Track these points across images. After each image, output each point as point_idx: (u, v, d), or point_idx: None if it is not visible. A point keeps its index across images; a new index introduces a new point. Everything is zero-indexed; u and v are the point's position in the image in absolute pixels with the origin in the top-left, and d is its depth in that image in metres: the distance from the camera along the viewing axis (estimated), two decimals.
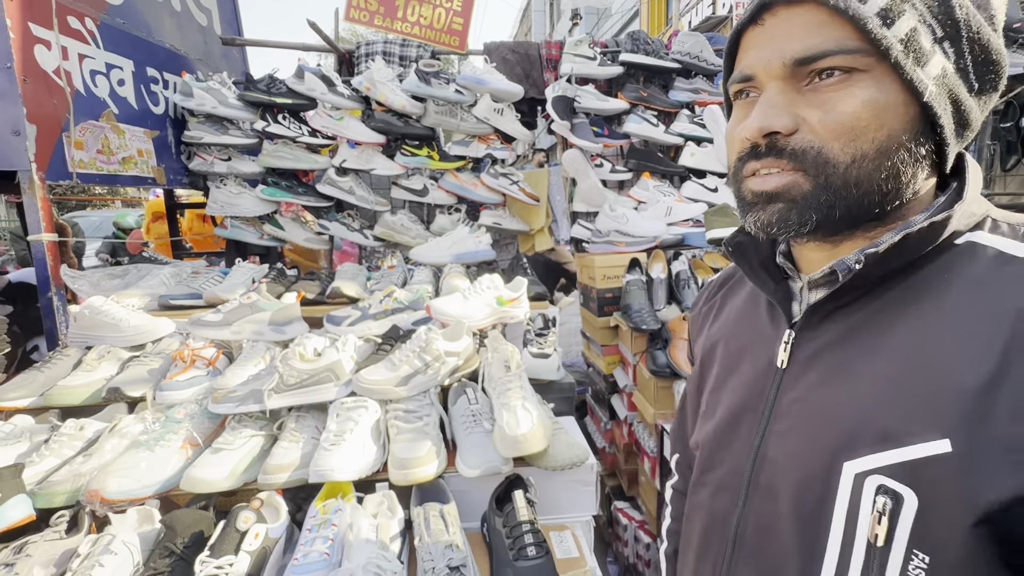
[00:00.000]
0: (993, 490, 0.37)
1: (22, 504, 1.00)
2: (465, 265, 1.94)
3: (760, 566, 0.50)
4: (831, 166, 0.44)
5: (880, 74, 0.43)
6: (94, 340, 1.45)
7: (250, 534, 0.94)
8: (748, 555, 0.51)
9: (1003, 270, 0.43)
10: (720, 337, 0.64)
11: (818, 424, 0.47)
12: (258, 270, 1.81)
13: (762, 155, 0.46)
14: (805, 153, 0.44)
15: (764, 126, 0.45)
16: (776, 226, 0.47)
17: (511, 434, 1.06)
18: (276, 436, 1.21)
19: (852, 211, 0.45)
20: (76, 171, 1.70)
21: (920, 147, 0.45)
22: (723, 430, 0.57)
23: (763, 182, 0.47)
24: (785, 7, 0.44)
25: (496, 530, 1.00)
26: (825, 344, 0.49)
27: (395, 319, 1.51)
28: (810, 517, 0.45)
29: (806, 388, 0.49)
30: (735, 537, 0.52)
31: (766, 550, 0.50)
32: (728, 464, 0.55)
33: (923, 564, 0.39)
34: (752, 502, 0.51)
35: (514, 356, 1.23)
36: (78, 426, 1.21)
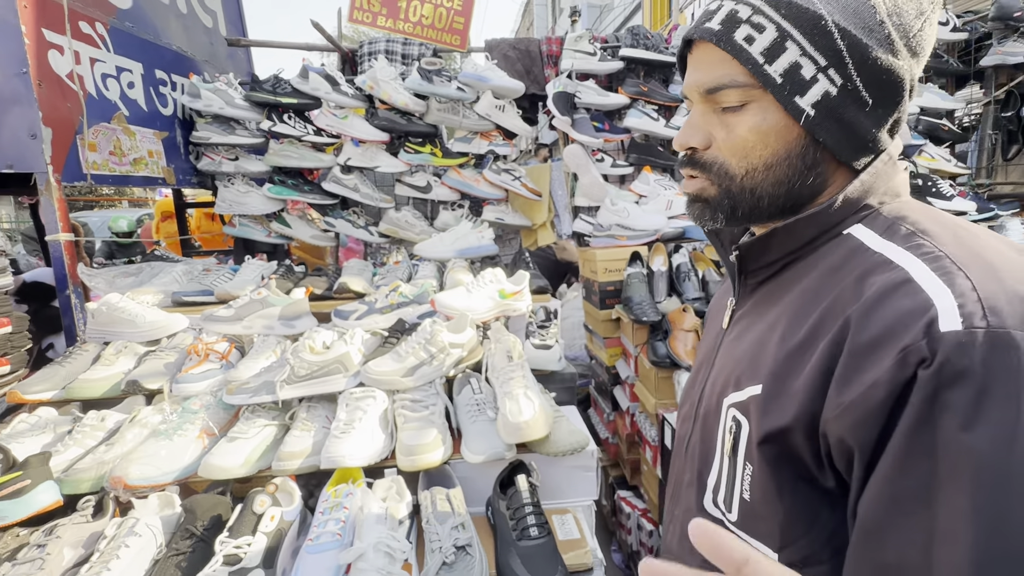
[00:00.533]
0: (774, 422, 0.49)
1: (50, 490, 1.06)
2: (468, 260, 1.98)
3: (690, 472, 0.63)
4: (729, 177, 0.55)
5: (765, 103, 0.52)
6: (111, 336, 1.50)
7: (266, 516, 0.99)
8: (687, 465, 0.64)
9: (850, 258, 0.50)
10: (710, 306, 0.78)
11: (724, 367, 0.60)
12: (267, 267, 1.86)
13: (684, 164, 0.58)
14: (711, 165, 0.56)
15: (683, 143, 0.57)
16: (698, 220, 0.59)
17: (514, 421, 1.11)
18: (288, 425, 1.26)
19: (753, 210, 0.56)
20: (90, 172, 1.75)
21: (808, 158, 0.53)
22: (692, 377, 0.71)
23: (686, 185, 0.59)
24: (698, 42, 0.54)
25: (500, 513, 1.04)
26: (744, 312, 0.62)
27: (401, 313, 1.55)
28: (711, 435, 0.59)
29: (727, 344, 0.62)
30: (685, 452, 0.65)
31: (695, 460, 0.63)
32: (689, 401, 0.68)
33: (749, 472, 0.52)
34: (695, 426, 0.64)
35: (516, 346, 1.27)
36: (100, 417, 1.26)
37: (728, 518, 0.55)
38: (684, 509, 0.63)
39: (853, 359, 0.44)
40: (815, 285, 0.52)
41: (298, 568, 0.93)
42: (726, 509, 0.55)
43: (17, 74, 1.56)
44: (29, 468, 1.05)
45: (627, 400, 2.18)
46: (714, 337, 0.67)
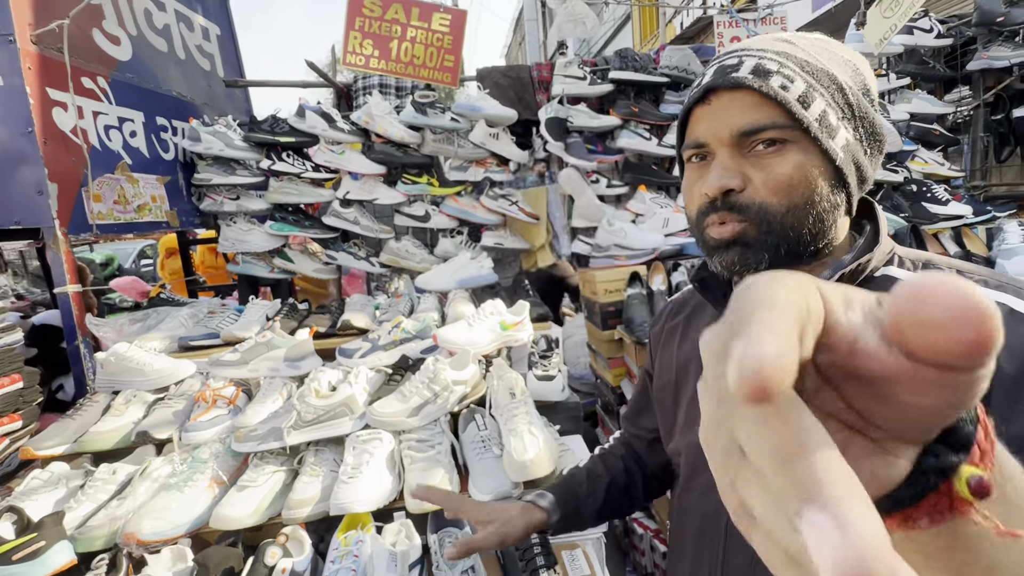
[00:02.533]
0: None
1: (64, 550, 1.07)
2: (469, 289, 2.00)
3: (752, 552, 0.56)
4: (770, 216, 0.55)
5: (805, 144, 0.54)
6: (121, 385, 1.52)
7: (277, 569, 1.00)
8: (741, 544, 0.58)
9: None
10: (693, 355, 0.72)
11: None
12: (271, 306, 1.88)
13: (719, 208, 0.57)
14: (749, 207, 0.55)
15: (722, 185, 0.56)
16: (738, 264, 0.57)
17: (519, 459, 1.11)
18: (297, 470, 1.27)
19: (792, 249, 0.56)
20: (95, 223, 1.79)
21: (836, 196, 0.56)
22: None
23: (720, 231, 0.57)
24: (727, 91, 0.56)
25: (509, 553, 1.05)
26: None
27: (404, 349, 1.57)
28: None
29: None
30: (725, 532, 0.60)
31: None
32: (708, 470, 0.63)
33: None
34: None
35: (518, 383, 1.28)
36: (111, 470, 1.28)
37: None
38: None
39: (1007, 393, 0.45)
40: None
41: None
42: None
43: (23, 134, 1.60)
44: (44, 529, 1.07)
45: None
46: None
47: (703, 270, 0.68)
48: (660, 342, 0.81)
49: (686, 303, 0.79)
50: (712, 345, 0.18)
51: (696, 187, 0.59)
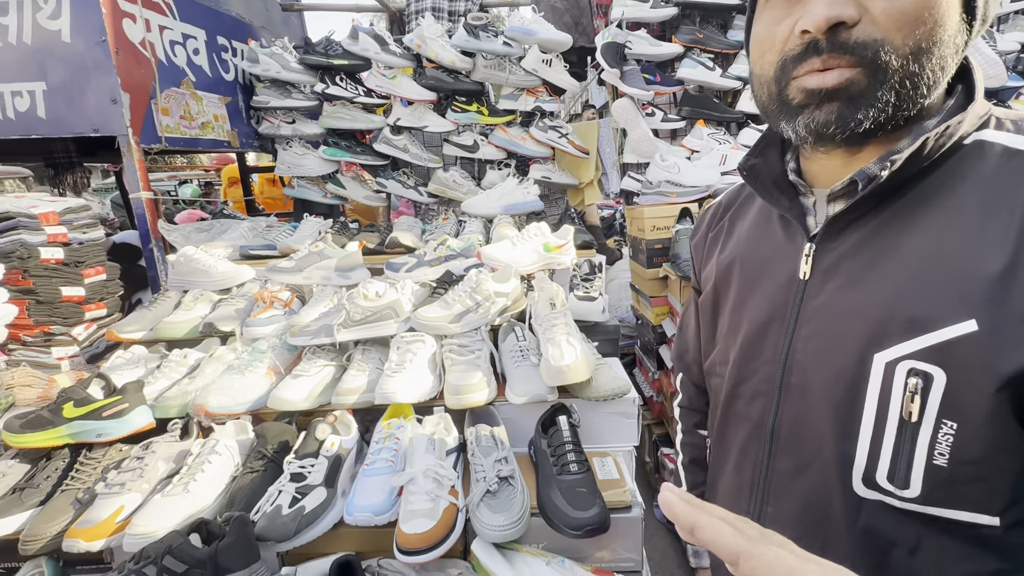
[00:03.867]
0: (1013, 360, 0.41)
1: (144, 414, 1.20)
2: (514, 216, 1.99)
3: (797, 455, 0.56)
4: (888, 59, 0.44)
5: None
6: (189, 284, 1.64)
7: (327, 442, 1.08)
8: (785, 449, 0.57)
9: (1010, 164, 0.46)
10: (734, 257, 0.66)
11: (844, 324, 0.51)
12: (324, 223, 1.96)
13: (822, 50, 0.45)
14: (866, 46, 0.44)
15: (833, 16, 0.43)
16: (834, 124, 0.47)
17: (556, 365, 1.13)
18: (345, 366, 1.35)
19: (901, 105, 0.46)
20: (164, 135, 1.89)
21: (959, 38, 0.46)
22: (750, 343, 0.61)
23: (822, 79, 0.46)
24: None
25: (542, 451, 1.09)
26: (845, 252, 0.53)
27: (448, 265, 1.60)
28: (842, 405, 0.50)
29: (830, 293, 0.53)
30: (771, 436, 0.58)
31: (802, 440, 0.55)
32: (760, 373, 0.59)
33: (951, 431, 0.45)
34: (785, 402, 0.56)
35: (559, 294, 1.28)
36: (183, 354, 1.41)
37: (902, 495, 0.47)
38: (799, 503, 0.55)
39: None
40: (976, 198, 0.46)
41: (356, 488, 1.02)
42: (899, 485, 0.47)
43: (97, 43, 1.68)
44: (126, 394, 1.19)
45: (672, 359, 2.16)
46: (780, 291, 0.58)
47: (755, 156, 0.62)
48: (703, 252, 0.74)
49: (729, 205, 0.73)
50: None
51: (784, 25, 0.47)
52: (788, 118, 0.50)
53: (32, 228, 1.39)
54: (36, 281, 1.39)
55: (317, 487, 1.00)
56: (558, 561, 0.95)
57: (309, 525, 0.95)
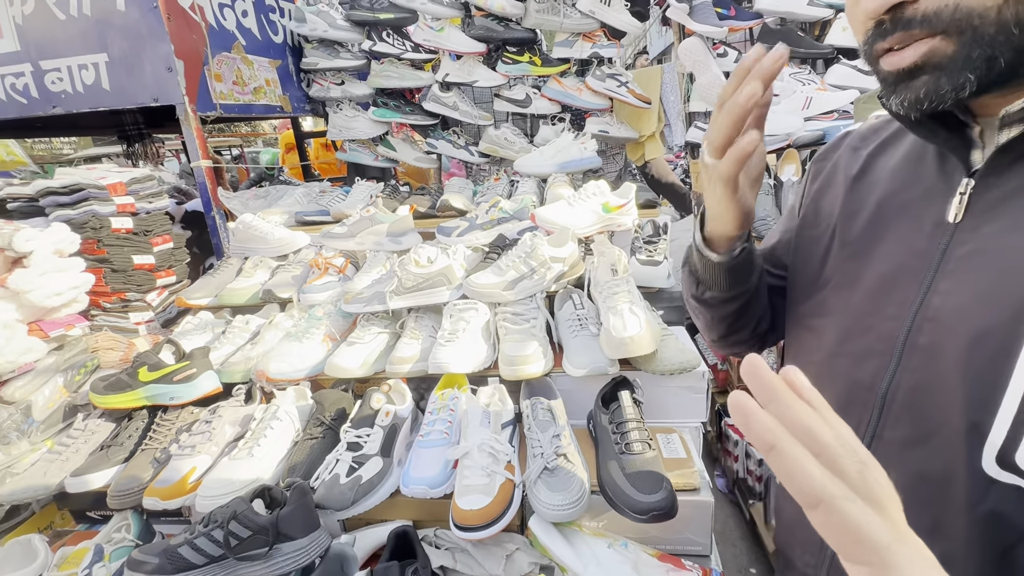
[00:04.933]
0: None
1: (211, 378, 1.24)
2: (570, 174, 1.87)
3: (915, 425, 0.49)
4: (976, 16, 0.39)
5: None
6: (249, 251, 1.67)
7: (382, 412, 1.07)
8: (899, 416, 0.51)
9: None
10: (867, 198, 0.58)
11: (999, 276, 0.44)
12: (375, 187, 1.93)
13: (888, 32, 0.43)
14: (939, 15, 0.40)
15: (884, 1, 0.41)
16: (927, 100, 0.42)
17: (618, 336, 1.05)
18: (399, 334, 1.33)
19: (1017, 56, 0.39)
20: (219, 102, 1.89)
21: None
22: (871, 297, 0.54)
23: (899, 59, 0.43)
24: None
25: (602, 426, 1.03)
26: (1012, 190, 0.45)
27: (501, 229, 1.53)
28: (983, 372, 0.43)
29: (986, 239, 0.46)
30: (883, 401, 0.52)
31: (924, 408, 0.49)
32: (877, 330, 0.53)
33: None
34: (907, 364, 0.50)
35: (621, 259, 1.18)
36: (245, 320, 1.44)
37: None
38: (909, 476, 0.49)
39: None
40: None
41: (411, 459, 1.01)
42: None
43: (150, 9, 1.68)
44: (195, 359, 1.23)
45: None
46: (919, 238, 0.51)
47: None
48: (822, 178, 0.65)
49: (872, 136, 0.62)
50: None
51: (857, 9, 0.45)
52: (886, 96, 0.47)
53: (102, 199, 1.45)
54: (109, 250, 1.45)
55: (373, 457, 1.00)
56: (620, 544, 0.90)
57: (366, 495, 0.95)
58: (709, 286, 0.66)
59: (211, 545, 0.84)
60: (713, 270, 0.63)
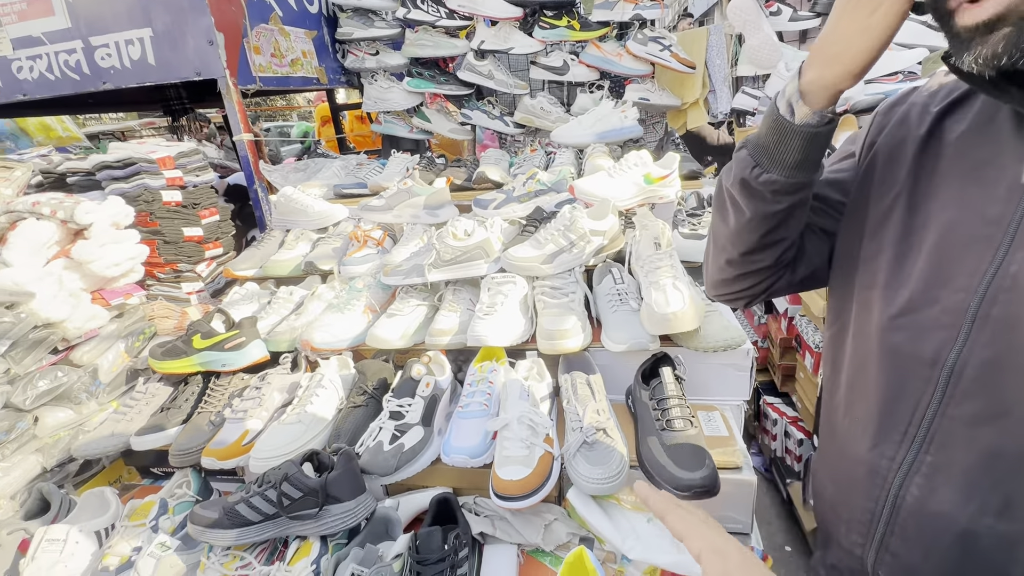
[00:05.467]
0: None
1: (259, 347, 1.29)
2: (609, 144, 1.82)
3: (987, 401, 0.47)
4: None
5: None
6: (290, 223, 1.71)
7: (422, 383, 1.09)
8: (968, 392, 0.48)
9: None
10: (934, 163, 0.54)
11: None
12: (411, 160, 1.92)
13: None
14: None
15: None
16: (1005, 55, 0.40)
17: (660, 312, 1.03)
18: (437, 306, 1.34)
19: None
20: (258, 75, 1.91)
21: None
22: (936, 267, 0.51)
23: (978, 11, 0.40)
24: None
25: (642, 402, 1.02)
26: None
27: (539, 201, 1.50)
28: None
29: None
30: (949, 377, 0.49)
31: (998, 384, 0.46)
32: (943, 303, 0.50)
33: None
34: (977, 338, 0.47)
35: (664, 233, 1.15)
36: (289, 291, 1.48)
37: None
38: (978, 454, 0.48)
39: None
40: None
41: (452, 429, 1.03)
42: None
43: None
44: (243, 328, 1.28)
45: (786, 302, 1.94)
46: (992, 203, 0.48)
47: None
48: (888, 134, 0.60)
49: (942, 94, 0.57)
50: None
51: None
52: (959, 54, 0.43)
53: (152, 172, 1.50)
54: (161, 222, 1.51)
55: (415, 426, 1.02)
56: None
57: (408, 462, 0.98)
58: (772, 163, 0.57)
59: (266, 504, 0.89)
60: (790, 138, 0.55)
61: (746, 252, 0.66)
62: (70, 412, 1.24)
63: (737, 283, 0.71)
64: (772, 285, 0.70)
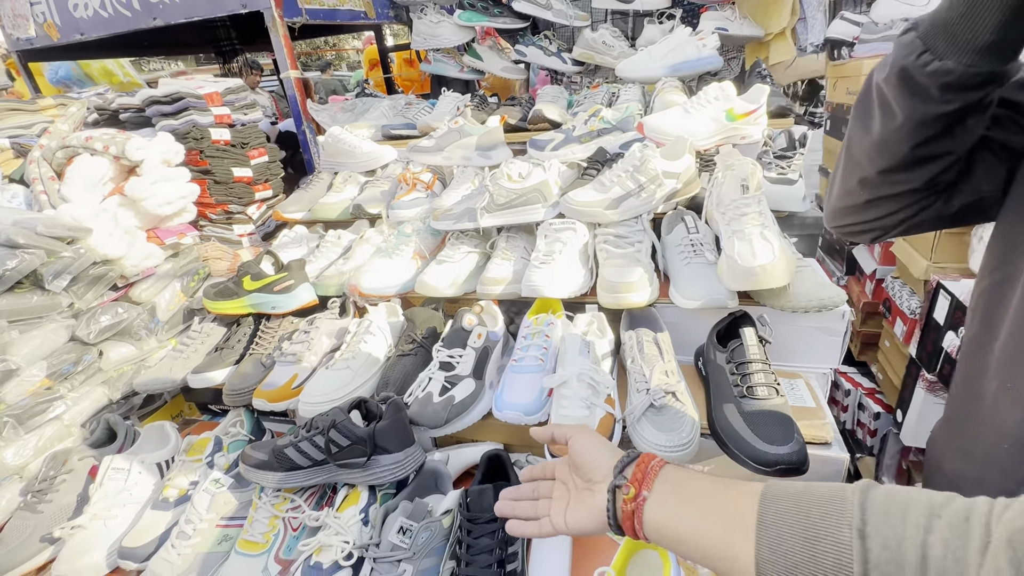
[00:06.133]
0: None
1: (308, 290, 1.26)
2: (682, 80, 1.62)
3: None
4: None
5: None
6: (338, 166, 1.65)
7: (474, 334, 1.02)
8: None
9: None
10: None
11: None
12: (462, 98, 1.80)
13: None
14: None
15: None
16: None
17: (745, 265, 0.90)
18: (489, 254, 1.26)
19: None
20: (304, 7, 1.81)
21: None
22: None
23: None
24: None
25: (717, 365, 0.91)
26: None
27: (601, 141, 1.36)
28: None
29: None
30: None
31: None
32: None
33: None
34: None
35: (755, 174, 0.99)
36: (337, 235, 1.44)
37: None
38: None
39: None
40: None
41: (505, 383, 0.96)
42: None
43: None
44: (292, 271, 1.25)
45: (874, 262, 1.73)
46: None
47: None
48: None
49: None
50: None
51: None
52: None
53: (200, 108, 1.46)
54: (211, 162, 1.48)
55: (466, 378, 0.96)
56: None
57: (459, 415, 0.92)
58: (952, 46, 0.43)
59: (314, 449, 0.86)
60: (986, 5, 0.40)
61: (888, 169, 0.52)
62: (132, 348, 1.27)
63: (868, 210, 0.57)
64: (915, 215, 0.56)
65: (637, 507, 0.46)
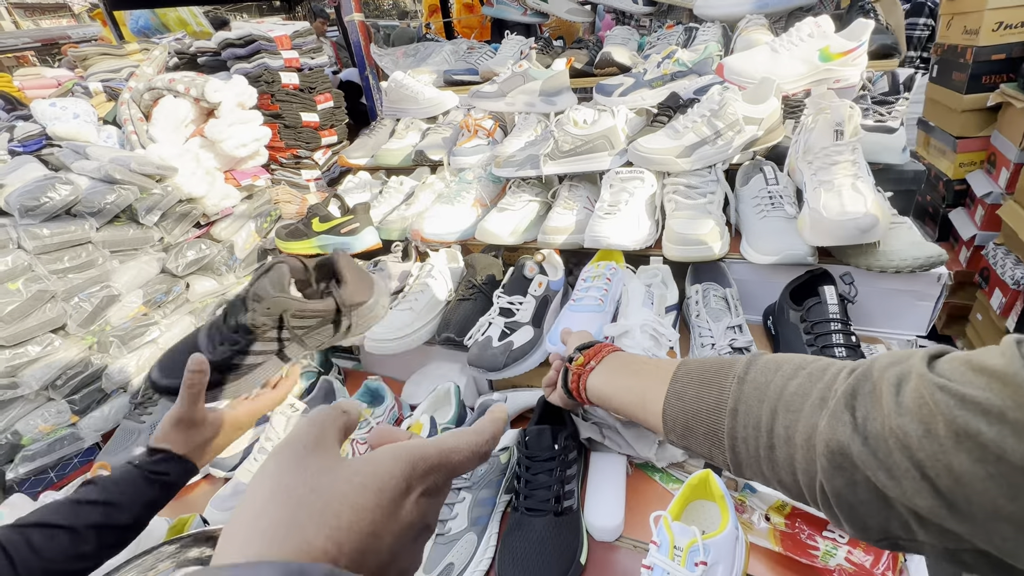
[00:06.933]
0: None
1: (372, 234, 1.29)
2: (770, 17, 1.47)
3: None
4: None
5: None
6: (400, 112, 1.65)
7: (534, 282, 1.02)
8: None
9: None
10: None
11: None
12: (526, 42, 1.73)
13: None
14: None
15: None
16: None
17: (833, 218, 0.83)
18: (549, 204, 1.24)
19: None
20: None
21: None
22: None
23: None
24: None
25: (791, 324, 0.86)
26: None
27: (675, 86, 1.28)
28: None
29: None
30: None
31: None
32: None
33: None
34: None
35: (853, 118, 0.90)
36: (399, 181, 1.45)
37: None
38: None
39: None
40: None
41: (561, 320, 0.96)
42: None
43: None
44: (357, 214, 1.28)
45: (974, 227, 1.56)
46: None
47: None
48: None
49: None
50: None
51: None
52: None
53: (271, 52, 1.48)
54: (281, 106, 1.51)
55: (525, 325, 0.97)
56: None
57: (517, 361, 0.94)
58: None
59: None
60: None
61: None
62: (214, 282, 1.36)
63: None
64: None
65: (584, 373, 0.60)
